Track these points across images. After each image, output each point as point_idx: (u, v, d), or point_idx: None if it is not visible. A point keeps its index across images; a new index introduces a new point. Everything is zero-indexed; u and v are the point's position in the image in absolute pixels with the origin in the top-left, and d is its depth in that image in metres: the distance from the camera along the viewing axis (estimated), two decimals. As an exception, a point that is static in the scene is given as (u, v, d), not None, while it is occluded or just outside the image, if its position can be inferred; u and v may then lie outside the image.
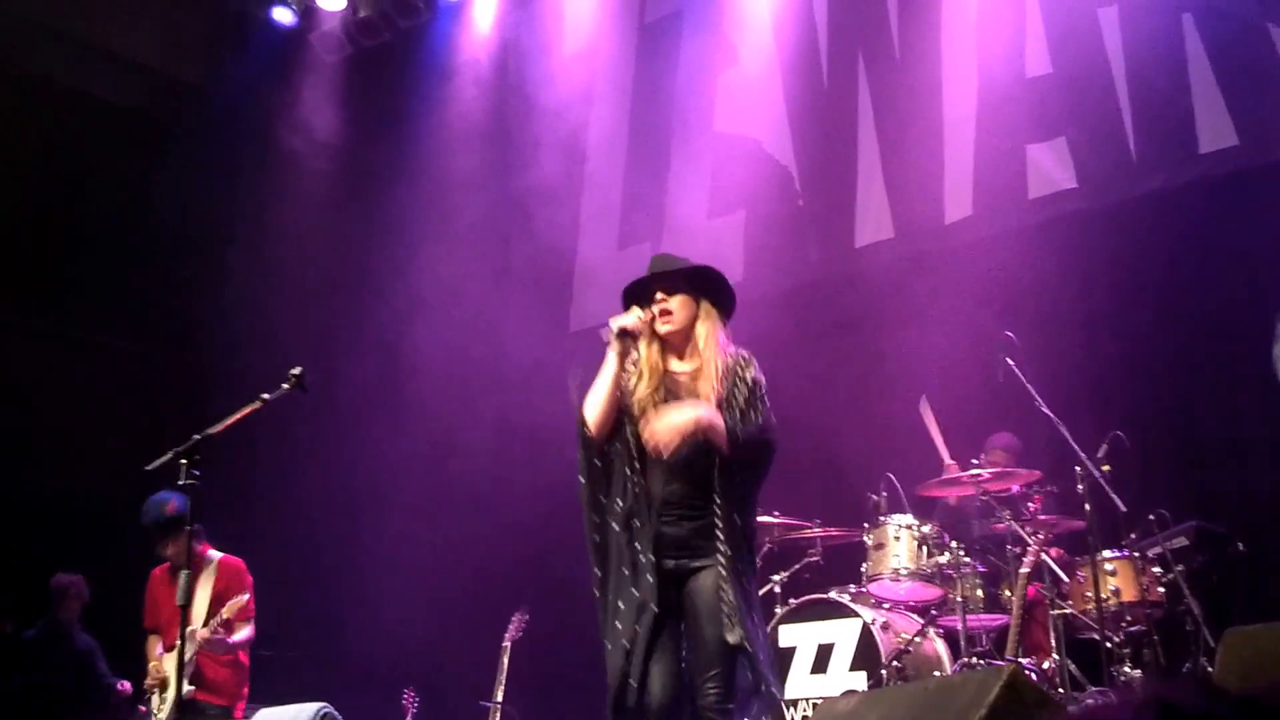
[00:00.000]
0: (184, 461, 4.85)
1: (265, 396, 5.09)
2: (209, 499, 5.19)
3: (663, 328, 4.03)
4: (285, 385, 5.13)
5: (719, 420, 3.86)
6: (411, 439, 8.17)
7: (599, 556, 3.96)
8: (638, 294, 4.12)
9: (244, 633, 5.95)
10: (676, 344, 4.07)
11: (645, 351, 4.06)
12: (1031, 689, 4.04)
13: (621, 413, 4.00)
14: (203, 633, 5.74)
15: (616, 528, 3.93)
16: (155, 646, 6.13)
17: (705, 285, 4.12)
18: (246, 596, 5.89)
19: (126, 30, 8.94)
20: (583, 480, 4.01)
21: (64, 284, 8.59)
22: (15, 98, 8.42)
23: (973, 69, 7.35)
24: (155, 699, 5.84)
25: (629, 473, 3.94)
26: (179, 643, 4.74)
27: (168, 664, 5.79)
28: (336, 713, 4.48)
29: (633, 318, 3.97)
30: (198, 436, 4.91)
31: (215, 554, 6.09)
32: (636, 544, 3.89)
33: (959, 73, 7.39)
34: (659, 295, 4.04)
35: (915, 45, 7.56)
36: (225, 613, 5.78)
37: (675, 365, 4.08)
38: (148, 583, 6.30)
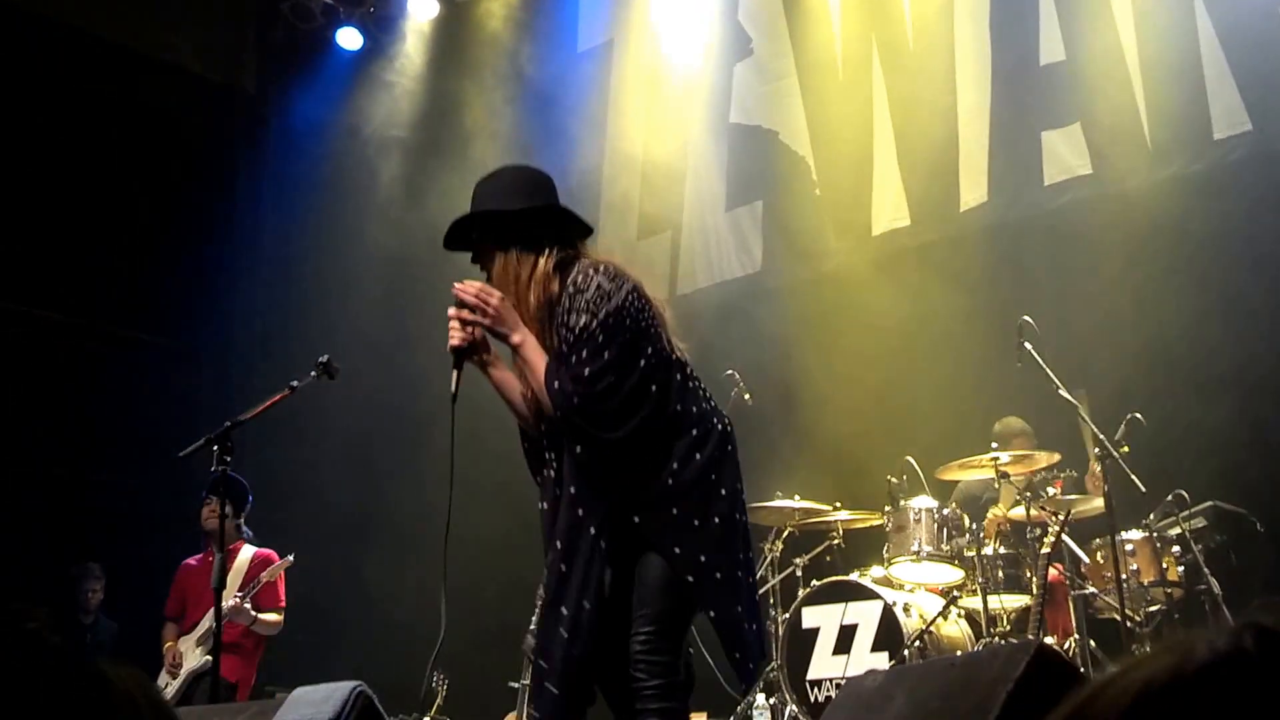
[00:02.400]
0: (215, 448, 4.97)
1: (294, 384, 5.19)
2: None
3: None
4: (313, 373, 5.23)
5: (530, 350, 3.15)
6: (438, 430, 8.23)
7: None
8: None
9: (269, 616, 6.07)
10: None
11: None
12: (1059, 663, 4.11)
13: None
14: (232, 600, 5.86)
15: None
16: (170, 633, 6.22)
17: (506, 230, 3.24)
18: (279, 571, 6.06)
19: (182, 39, 9.09)
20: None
21: (97, 280, 8.69)
22: (71, 106, 8.54)
23: (986, 56, 7.40)
24: (164, 677, 5.96)
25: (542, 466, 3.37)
26: (206, 621, 4.85)
27: (183, 644, 5.91)
28: (371, 692, 4.54)
29: (452, 332, 3.27)
30: (229, 423, 5.02)
31: (251, 548, 6.22)
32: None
33: (973, 60, 7.44)
34: (474, 260, 3.31)
35: (929, 32, 7.61)
36: (265, 576, 5.96)
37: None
38: (177, 571, 6.39)
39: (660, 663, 3.09)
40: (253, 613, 6.03)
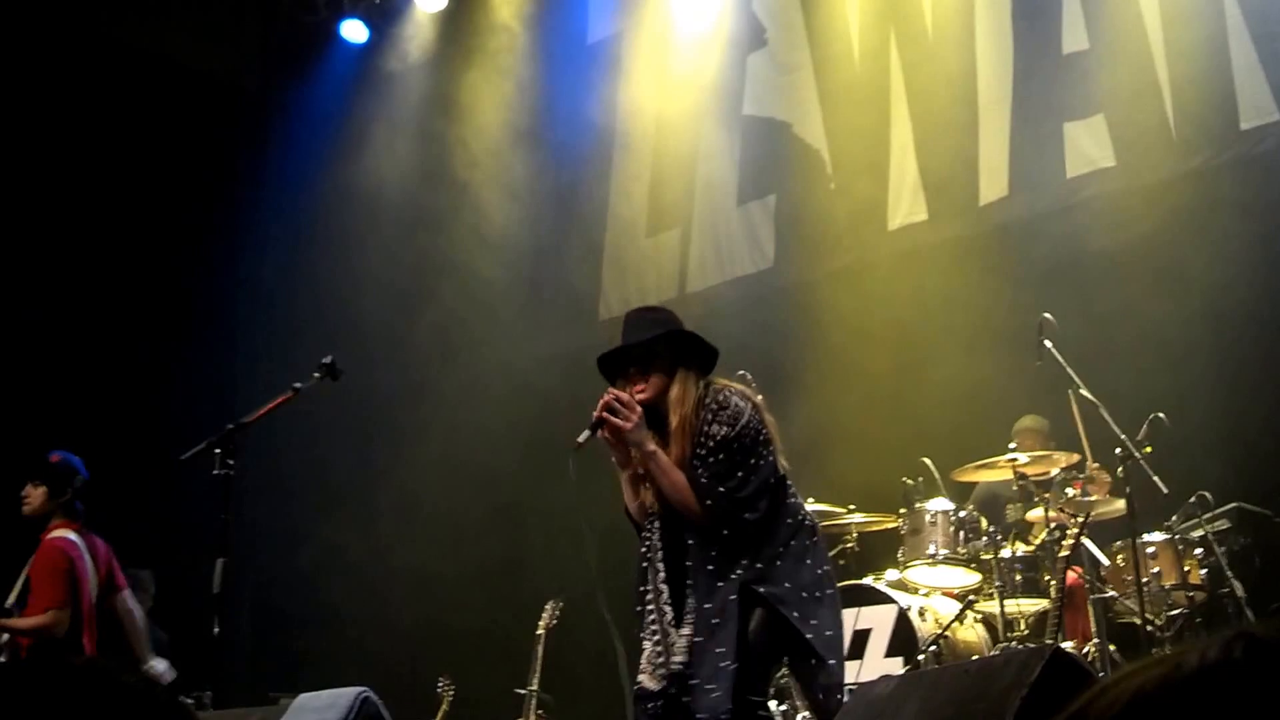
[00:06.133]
0: (218, 451, 4.90)
1: (298, 385, 5.12)
2: (248, 489, 5.19)
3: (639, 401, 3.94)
4: (317, 374, 5.15)
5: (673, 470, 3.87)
6: (443, 430, 8.17)
7: None
8: (613, 363, 4.02)
9: (29, 620, 5.47)
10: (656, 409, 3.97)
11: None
12: (1075, 667, 3.98)
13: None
14: None
15: None
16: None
17: (677, 347, 3.97)
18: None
19: (189, 38, 9.05)
20: None
21: (98, 280, 8.65)
22: (69, 104, 8.51)
23: (1008, 46, 7.25)
24: None
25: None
26: None
27: None
28: (376, 697, 4.47)
29: (584, 432, 3.94)
30: (231, 426, 4.95)
31: (59, 534, 5.60)
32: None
33: (994, 50, 7.28)
34: (631, 372, 3.94)
35: (949, 22, 7.45)
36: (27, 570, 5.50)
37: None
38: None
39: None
40: (12, 624, 5.46)
